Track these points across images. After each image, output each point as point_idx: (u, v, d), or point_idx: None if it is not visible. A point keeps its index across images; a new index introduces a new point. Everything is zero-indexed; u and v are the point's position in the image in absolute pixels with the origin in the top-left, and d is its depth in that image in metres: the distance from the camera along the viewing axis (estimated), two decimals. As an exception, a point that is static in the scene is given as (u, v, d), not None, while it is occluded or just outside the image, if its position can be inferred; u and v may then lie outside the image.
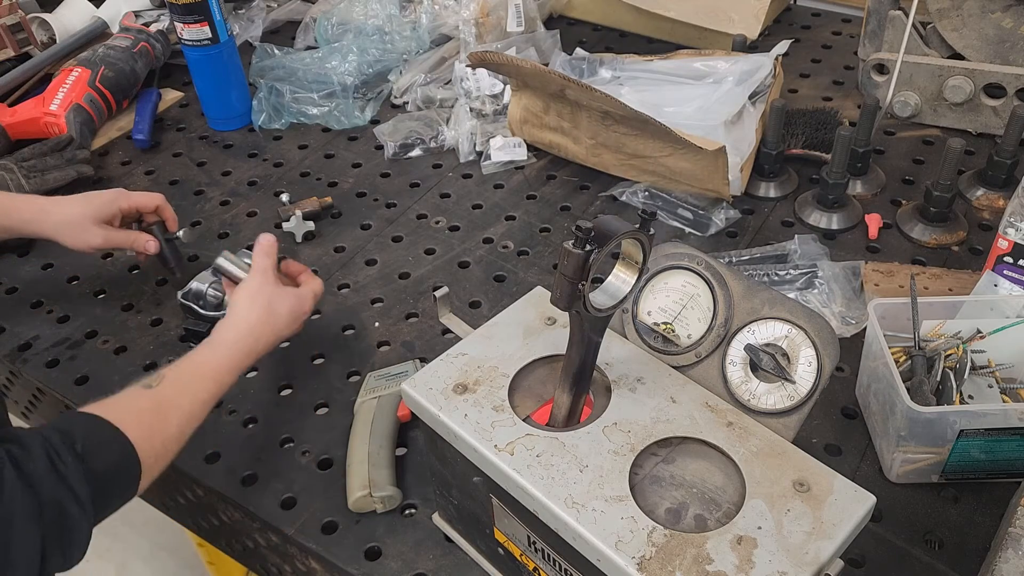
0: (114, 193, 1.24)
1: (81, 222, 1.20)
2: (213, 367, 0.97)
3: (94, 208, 1.21)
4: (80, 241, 1.21)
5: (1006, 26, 1.41)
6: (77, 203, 1.22)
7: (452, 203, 1.46)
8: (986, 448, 0.93)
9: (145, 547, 2.25)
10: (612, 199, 1.43)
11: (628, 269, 0.78)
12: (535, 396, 0.83)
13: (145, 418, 0.87)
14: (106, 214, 1.21)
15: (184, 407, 0.92)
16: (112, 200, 1.23)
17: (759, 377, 0.78)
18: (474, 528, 0.90)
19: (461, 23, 1.71)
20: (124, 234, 1.23)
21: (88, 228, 1.20)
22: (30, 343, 1.25)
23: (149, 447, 0.85)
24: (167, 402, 0.91)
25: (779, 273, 1.22)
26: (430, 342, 1.20)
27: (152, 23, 1.82)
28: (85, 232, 1.20)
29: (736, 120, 1.42)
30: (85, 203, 1.22)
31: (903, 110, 1.52)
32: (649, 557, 0.67)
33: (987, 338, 1.02)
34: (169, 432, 0.89)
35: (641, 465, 0.75)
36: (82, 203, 1.22)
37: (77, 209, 1.21)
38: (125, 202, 1.23)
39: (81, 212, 1.20)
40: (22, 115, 1.58)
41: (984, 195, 1.36)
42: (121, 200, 1.23)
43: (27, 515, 0.73)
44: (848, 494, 0.71)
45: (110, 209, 1.22)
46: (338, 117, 1.64)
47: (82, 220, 1.20)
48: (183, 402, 0.92)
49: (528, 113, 1.48)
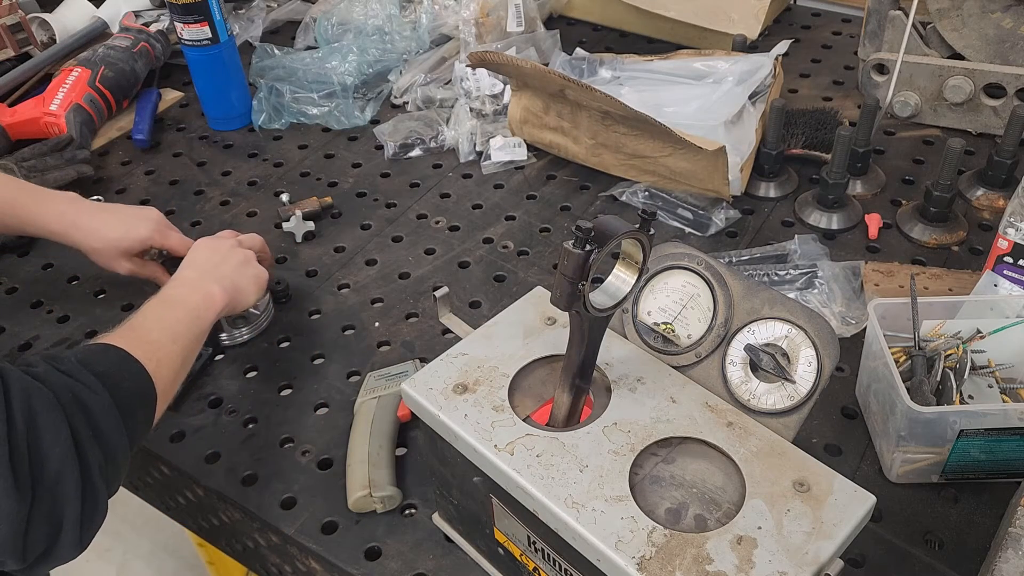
0: (150, 229, 1.20)
1: (110, 251, 1.19)
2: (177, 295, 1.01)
3: (127, 243, 1.18)
4: (105, 264, 1.21)
5: (1006, 26, 1.41)
6: (108, 227, 1.19)
7: (452, 203, 1.46)
8: (986, 448, 0.93)
9: (145, 547, 2.25)
10: (612, 199, 1.43)
11: (628, 269, 0.78)
12: (535, 396, 0.83)
13: (125, 336, 0.88)
14: (136, 249, 1.20)
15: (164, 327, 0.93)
16: (146, 239, 1.19)
17: (759, 377, 0.78)
18: (474, 528, 0.90)
19: (461, 23, 1.71)
20: (150, 269, 1.23)
21: (115, 259, 1.19)
22: (30, 343, 1.25)
23: (149, 361, 0.86)
24: (139, 325, 0.92)
25: (779, 273, 1.22)
26: (430, 342, 1.20)
27: (152, 23, 1.82)
28: (112, 261, 1.20)
29: (736, 120, 1.42)
30: (118, 231, 1.18)
31: (903, 110, 1.52)
32: (649, 557, 0.67)
33: (987, 338, 1.02)
34: (162, 350, 0.90)
35: (641, 465, 0.75)
36: (115, 229, 1.18)
37: (107, 236, 1.18)
38: (159, 241, 1.20)
39: (111, 240, 1.18)
40: (22, 115, 1.58)
41: (984, 195, 1.36)
42: (155, 239, 1.20)
43: (46, 404, 0.73)
44: (848, 494, 0.71)
45: (141, 245, 1.20)
46: (338, 117, 1.64)
47: (111, 249, 1.19)
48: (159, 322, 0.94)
49: (528, 113, 1.48)
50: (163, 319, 0.95)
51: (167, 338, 0.92)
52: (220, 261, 1.10)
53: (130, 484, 1.20)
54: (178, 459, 1.07)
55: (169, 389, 0.91)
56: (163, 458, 1.08)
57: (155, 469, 1.12)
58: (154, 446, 1.08)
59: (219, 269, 1.08)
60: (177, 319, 0.96)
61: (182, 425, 1.11)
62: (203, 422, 1.12)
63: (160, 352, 0.89)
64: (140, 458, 1.11)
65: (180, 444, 1.09)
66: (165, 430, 1.10)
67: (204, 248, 1.12)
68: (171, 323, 0.95)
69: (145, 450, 1.09)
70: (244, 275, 1.10)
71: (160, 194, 1.52)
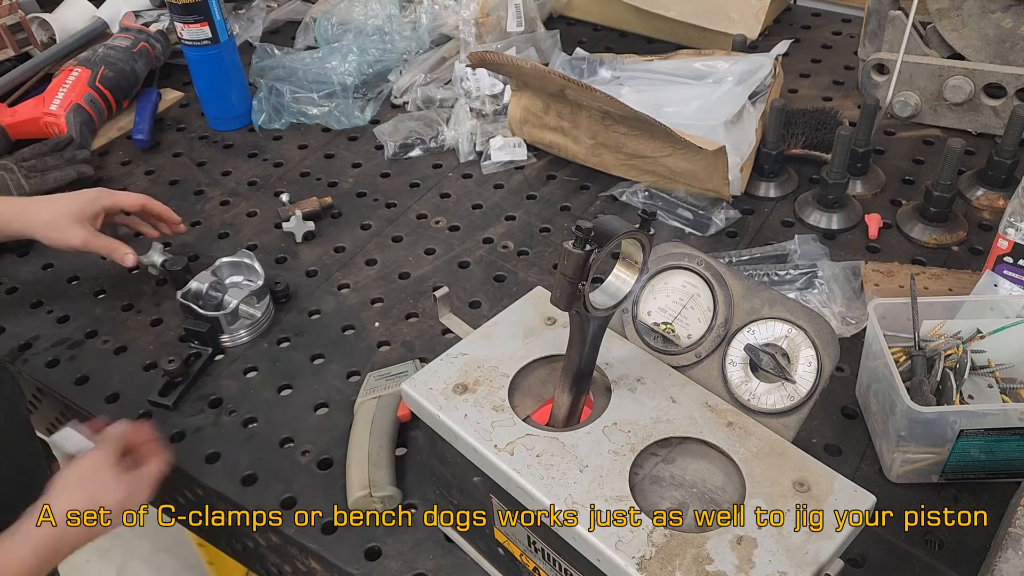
0: (96, 191, 1.23)
1: (61, 219, 1.19)
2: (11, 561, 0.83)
3: (76, 206, 1.20)
4: (59, 239, 1.19)
5: (1006, 26, 1.41)
6: (57, 200, 1.22)
7: (452, 203, 1.46)
8: (986, 448, 0.93)
9: (145, 547, 2.25)
10: (612, 199, 1.43)
11: (628, 269, 0.78)
12: (535, 396, 0.83)
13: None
14: (88, 213, 1.20)
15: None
16: (94, 199, 1.22)
17: (759, 377, 0.78)
18: (474, 528, 0.90)
19: (461, 23, 1.71)
20: (106, 241, 1.22)
21: (68, 226, 1.19)
22: (30, 343, 1.25)
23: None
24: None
25: (779, 273, 1.22)
26: (430, 342, 1.20)
27: (152, 23, 1.82)
28: (65, 230, 1.19)
29: (736, 120, 1.42)
30: (66, 201, 1.22)
31: (903, 110, 1.52)
32: (649, 557, 0.67)
33: (987, 338, 1.02)
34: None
35: (641, 465, 0.75)
36: (63, 201, 1.22)
37: (56, 206, 1.20)
38: (108, 200, 1.23)
39: (61, 209, 1.20)
40: (22, 115, 1.58)
41: (984, 195, 1.36)
42: (104, 199, 1.23)
43: None
44: (848, 494, 0.71)
45: (92, 208, 1.21)
46: (338, 117, 1.64)
47: (62, 217, 1.19)
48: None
49: (528, 113, 1.48)
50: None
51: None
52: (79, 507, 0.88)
53: (130, 484, 1.21)
54: (178, 459, 1.07)
55: None
56: (163, 458, 1.08)
57: (155, 469, 1.12)
58: (154, 446, 1.08)
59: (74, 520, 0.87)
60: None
61: (182, 425, 1.11)
62: (203, 422, 1.12)
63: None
64: (140, 458, 1.12)
65: (180, 444, 1.09)
66: (165, 430, 1.10)
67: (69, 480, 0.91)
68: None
69: (145, 450, 1.09)
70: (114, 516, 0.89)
71: (160, 194, 1.51)
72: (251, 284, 1.25)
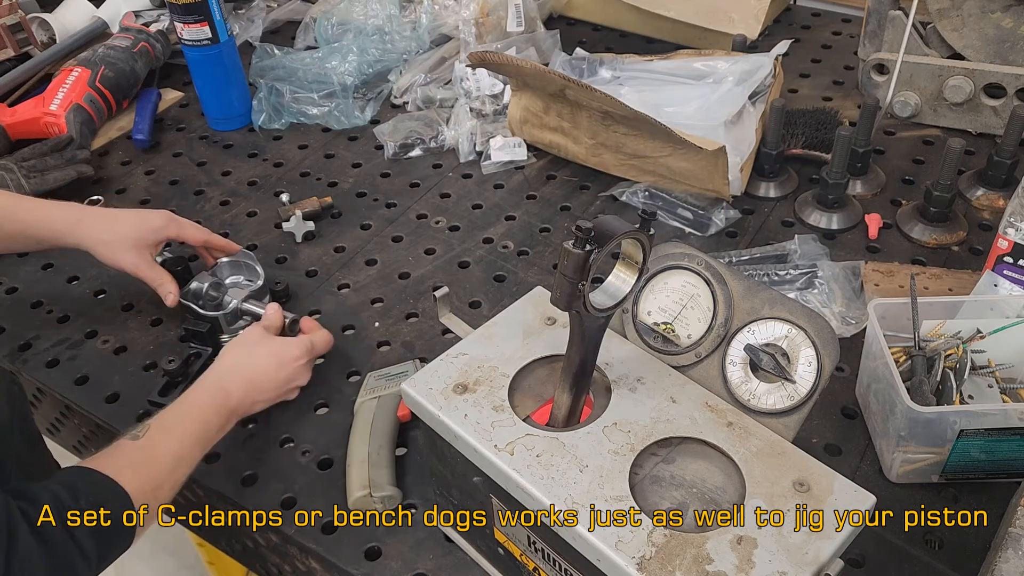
0: (164, 219, 1.19)
1: (119, 241, 1.16)
2: (196, 407, 0.98)
3: (138, 233, 1.17)
4: (112, 259, 1.17)
5: (1006, 26, 1.41)
6: (120, 220, 1.18)
7: (452, 203, 1.46)
8: (986, 448, 0.93)
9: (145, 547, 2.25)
10: (612, 199, 1.43)
11: (628, 269, 0.78)
12: (535, 396, 0.83)
13: (139, 470, 0.89)
14: (149, 240, 1.18)
15: (172, 451, 0.93)
16: (159, 228, 1.18)
17: (759, 377, 0.78)
18: (474, 528, 0.90)
19: (461, 23, 1.71)
20: (156, 273, 1.18)
21: (124, 250, 1.16)
22: (30, 343, 1.25)
23: (144, 497, 0.87)
24: (155, 449, 0.92)
25: (779, 273, 1.22)
26: (430, 342, 1.20)
27: (152, 23, 1.82)
28: (120, 252, 1.16)
29: (736, 120, 1.42)
30: (130, 225, 1.17)
31: (903, 110, 1.52)
32: (649, 557, 0.67)
33: (987, 338, 1.02)
34: (161, 479, 0.91)
35: (641, 465, 0.75)
36: (126, 223, 1.18)
37: (118, 227, 1.17)
38: (174, 231, 1.20)
39: (121, 231, 1.17)
40: (22, 115, 1.58)
41: (984, 195, 1.36)
42: (170, 230, 1.19)
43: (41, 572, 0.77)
44: (848, 494, 0.71)
45: (154, 237, 1.18)
46: (338, 117, 1.64)
47: (120, 240, 1.16)
48: (171, 447, 0.93)
49: (528, 113, 1.48)
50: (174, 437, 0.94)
51: (172, 463, 0.92)
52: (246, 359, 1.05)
53: (130, 484, 1.20)
54: (178, 459, 1.07)
55: (155, 515, 0.91)
56: (163, 458, 1.08)
57: (155, 469, 1.12)
58: (154, 446, 1.08)
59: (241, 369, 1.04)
60: (185, 438, 0.94)
61: (182, 425, 1.11)
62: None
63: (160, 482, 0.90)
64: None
65: (180, 444, 1.09)
66: (165, 430, 1.10)
67: (232, 345, 1.08)
68: (179, 444, 0.93)
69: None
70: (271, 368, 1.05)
71: (160, 194, 1.52)
72: (251, 284, 1.25)
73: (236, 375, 1.03)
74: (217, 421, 0.98)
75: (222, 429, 0.99)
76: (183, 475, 0.93)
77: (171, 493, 0.92)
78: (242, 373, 1.03)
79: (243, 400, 1.02)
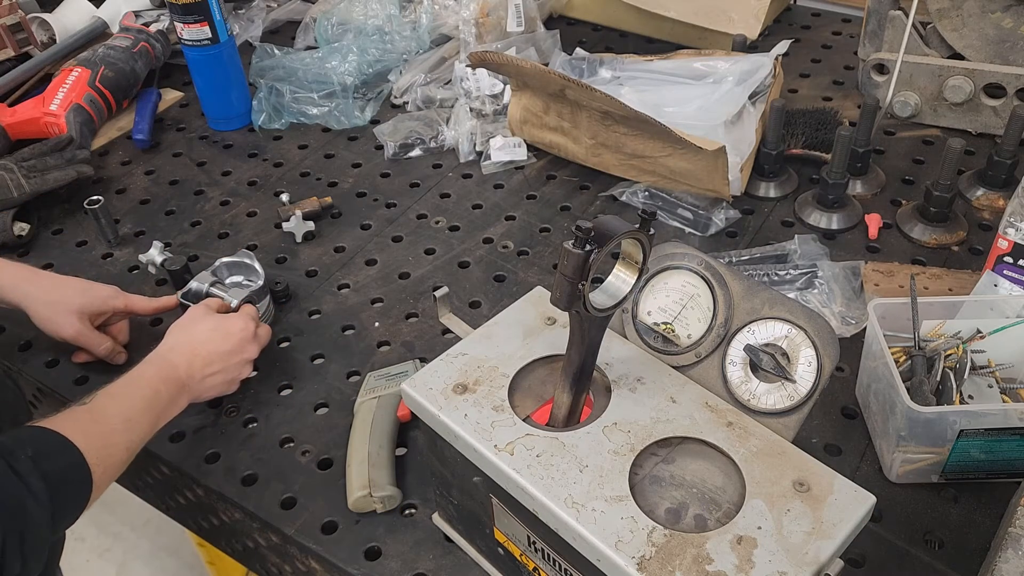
0: (111, 291, 1.18)
1: (62, 307, 1.13)
2: (144, 377, 0.99)
3: (82, 301, 1.14)
4: (52, 327, 1.14)
5: (1006, 26, 1.41)
6: (64, 287, 1.16)
7: (452, 203, 1.46)
8: (986, 448, 0.93)
9: (145, 547, 2.25)
10: (612, 199, 1.43)
11: (628, 269, 0.78)
12: (535, 396, 0.83)
13: (87, 428, 0.89)
14: (92, 309, 1.15)
15: (120, 412, 0.93)
16: (106, 298, 1.16)
17: (759, 377, 0.78)
18: (474, 528, 0.90)
19: (461, 23, 1.71)
20: (99, 338, 1.16)
21: (65, 316, 1.13)
22: (30, 343, 1.25)
23: (94, 453, 0.87)
24: (103, 411, 0.92)
25: (779, 273, 1.22)
26: (430, 342, 1.20)
27: (152, 23, 1.82)
28: (61, 320, 1.13)
29: (736, 120, 1.42)
30: (74, 292, 1.15)
31: (903, 110, 1.52)
32: (649, 557, 0.67)
33: (987, 338, 1.02)
34: (111, 439, 0.91)
35: (641, 465, 0.75)
36: (70, 290, 1.15)
37: (61, 292, 1.15)
38: (121, 303, 1.18)
39: (64, 297, 1.14)
40: (22, 115, 1.58)
41: (984, 195, 1.36)
42: (117, 302, 1.17)
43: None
44: (848, 494, 0.71)
45: (101, 307, 1.16)
46: (338, 117, 1.64)
47: (63, 306, 1.13)
48: (119, 409, 0.93)
49: (528, 113, 1.48)
50: (122, 402, 0.95)
51: (121, 424, 0.92)
52: (189, 335, 1.06)
53: (130, 484, 1.20)
54: (178, 459, 1.08)
55: (113, 473, 0.91)
56: (163, 458, 1.08)
57: (155, 469, 1.12)
58: (154, 446, 1.08)
59: (185, 343, 1.05)
60: (133, 402, 0.95)
61: (182, 425, 1.11)
62: (203, 422, 1.12)
63: (111, 441, 0.90)
64: (140, 458, 1.11)
65: (180, 444, 1.09)
66: (165, 430, 1.09)
67: (175, 325, 1.09)
68: (127, 407, 0.94)
69: (145, 450, 1.08)
70: (218, 338, 1.06)
71: (160, 194, 1.52)
72: (251, 284, 1.24)
73: (179, 347, 1.04)
74: (167, 391, 0.98)
75: (173, 401, 1.00)
76: (136, 440, 0.93)
77: (125, 454, 0.92)
78: (186, 346, 1.04)
79: (191, 372, 1.02)
